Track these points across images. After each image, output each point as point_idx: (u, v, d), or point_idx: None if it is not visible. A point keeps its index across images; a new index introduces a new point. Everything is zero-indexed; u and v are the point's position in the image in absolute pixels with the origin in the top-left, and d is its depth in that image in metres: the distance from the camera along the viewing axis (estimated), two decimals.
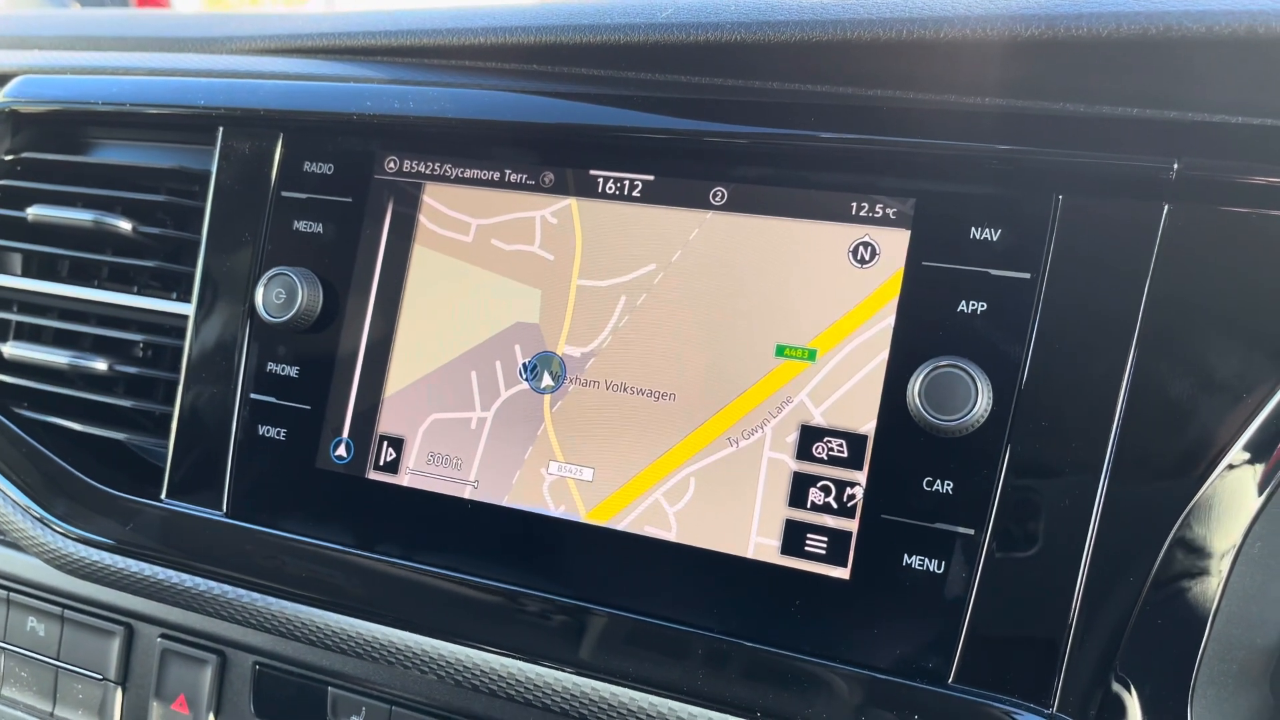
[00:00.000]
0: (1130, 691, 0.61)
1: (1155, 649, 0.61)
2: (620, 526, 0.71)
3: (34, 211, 0.91)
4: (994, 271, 0.64)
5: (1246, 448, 0.60)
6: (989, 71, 0.67)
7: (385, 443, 0.77)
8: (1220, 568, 0.61)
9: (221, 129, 0.85)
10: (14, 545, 0.95)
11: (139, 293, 0.90)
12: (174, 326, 0.88)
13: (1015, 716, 0.62)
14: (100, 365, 0.88)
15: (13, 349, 0.91)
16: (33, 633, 0.93)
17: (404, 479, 0.77)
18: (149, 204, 0.90)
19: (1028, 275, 0.63)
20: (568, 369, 0.74)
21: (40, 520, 0.86)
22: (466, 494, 0.75)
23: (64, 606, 0.93)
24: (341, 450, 0.78)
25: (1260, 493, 0.60)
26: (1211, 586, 0.61)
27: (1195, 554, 0.61)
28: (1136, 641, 0.61)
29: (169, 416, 0.85)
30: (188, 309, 0.85)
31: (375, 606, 0.77)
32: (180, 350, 0.85)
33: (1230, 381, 0.60)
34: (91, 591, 0.92)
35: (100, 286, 0.92)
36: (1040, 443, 0.63)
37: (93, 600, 0.93)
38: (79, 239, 0.92)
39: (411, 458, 0.77)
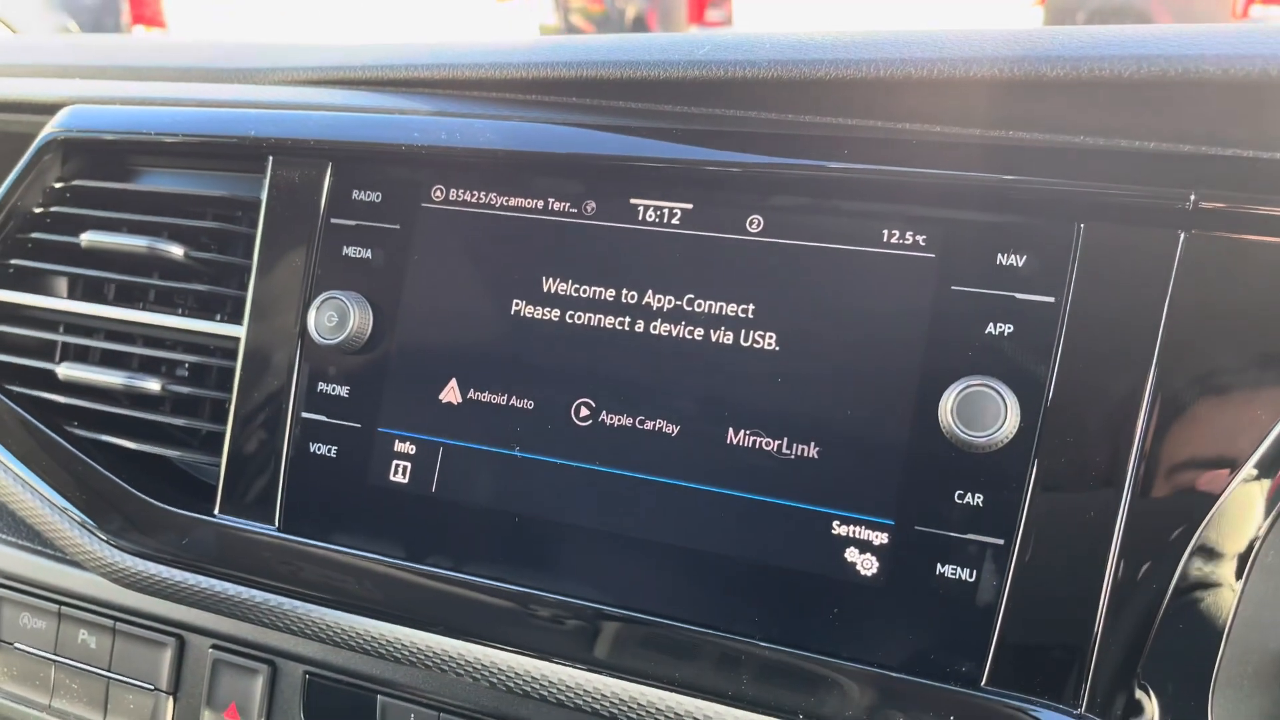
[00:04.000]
0: (1153, 693, 0.65)
1: (1177, 653, 0.65)
2: (659, 537, 0.74)
3: (88, 238, 0.94)
4: (1020, 295, 0.68)
5: (1260, 462, 0.64)
6: (1015, 108, 0.71)
7: (434, 460, 0.81)
8: (1237, 575, 0.64)
9: (272, 158, 0.88)
10: (68, 560, 0.97)
11: (184, 314, 0.94)
12: (220, 348, 0.91)
13: (1045, 717, 0.65)
14: (154, 385, 0.91)
15: (68, 370, 0.94)
16: (84, 645, 0.96)
17: (451, 494, 0.80)
18: (196, 229, 0.94)
19: (1052, 299, 0.67)
20: (605, 389, 0.77)
21: (96, 535, 0.89)
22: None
23: (115, 619, 0.95)
24: (391, 467, 0.82)
25: (1274, 504, 0.64)
26: (1229, 593, 0.65)
27: (1213, 562, 0.64)
28: (1159, 646, 0.65)
29: (216, 435, 0.88)
30: (239, 330, 0.88)
31: (425, 615, 0.80)
32: (228, 370, 0.89)
33: (1244, 399, 0.64)
34: (143, 604, 0.95)
35: (146, 309, 0.95)
36: (1066, 457, 0.66)
37: (144, 612, 0.95)
38: (126, 263, 0.96)
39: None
